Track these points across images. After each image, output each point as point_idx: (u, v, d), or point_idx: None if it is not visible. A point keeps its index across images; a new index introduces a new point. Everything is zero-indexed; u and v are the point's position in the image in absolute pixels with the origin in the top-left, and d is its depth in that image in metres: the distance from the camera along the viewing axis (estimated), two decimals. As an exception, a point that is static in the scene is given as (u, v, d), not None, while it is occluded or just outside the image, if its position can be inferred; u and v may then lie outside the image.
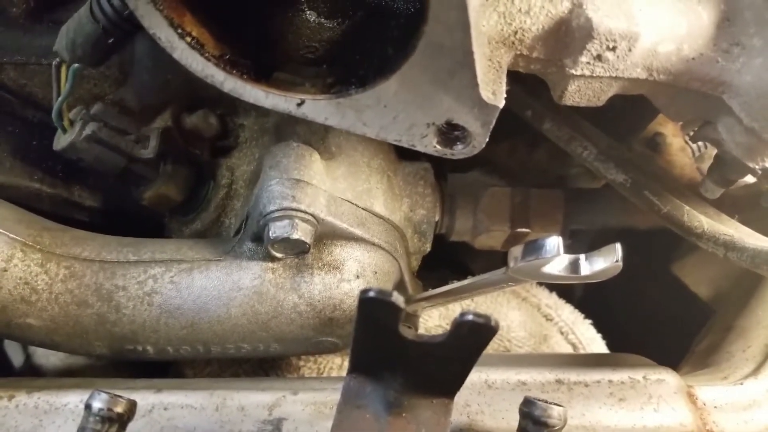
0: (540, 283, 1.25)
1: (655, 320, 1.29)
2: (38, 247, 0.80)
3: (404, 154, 1.00)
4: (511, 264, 0.73)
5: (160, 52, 0.95)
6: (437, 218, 1.00)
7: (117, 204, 1.00)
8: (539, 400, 0.66)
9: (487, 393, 0.79)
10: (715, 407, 0.81)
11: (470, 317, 0.56)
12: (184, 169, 0.94)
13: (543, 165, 1.12)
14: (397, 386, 0.66)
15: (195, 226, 0.96)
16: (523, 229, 1.01)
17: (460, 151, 0.70)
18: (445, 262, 1.17)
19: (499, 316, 1.10)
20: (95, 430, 0.63)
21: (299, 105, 0.69)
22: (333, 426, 0.65)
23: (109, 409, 0.63)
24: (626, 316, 1.28)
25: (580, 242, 1.15)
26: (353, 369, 0.67)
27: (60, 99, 0.83)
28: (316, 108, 0.69)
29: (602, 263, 0.70)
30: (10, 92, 0.90)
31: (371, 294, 0.56)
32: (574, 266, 0.72)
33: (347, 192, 0.89)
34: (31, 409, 0.76)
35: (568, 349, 1.13)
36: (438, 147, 0.70)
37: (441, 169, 1.03)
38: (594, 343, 1.13)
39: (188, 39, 0.65)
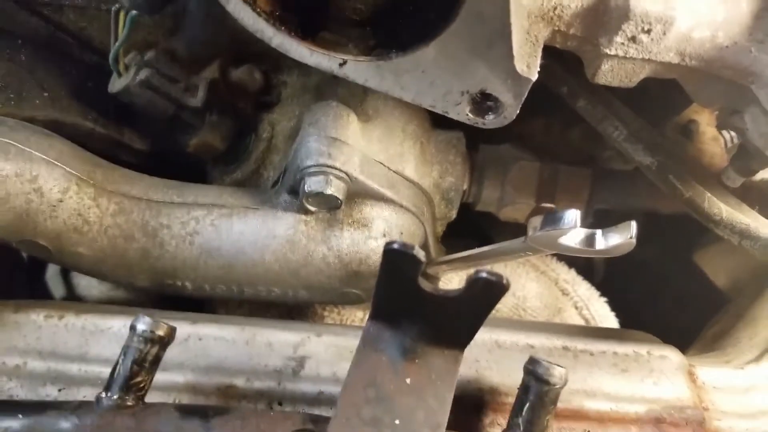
0: (560, 259, 1.29)
1: (671, 305, 1.32)
2: (91, 182, 0.86)
3: (438, 122, 1.03)
4: (530, 233, 0.77)
5: (211, 6, 1.00)
6: (465, 187, 1.03)
7: (162, 148, 1.06)
8: (543, 360, 0.71)
9: (497, 351, 0.84)
10: (714, 387, 0.85)
11: (484, 275, 0.60)
12: (228, 121, 0.99)
13: (576, 145, 1.14)
14: (413, 335, 0.71)
15: (235, 176, 1.02)
16: (548, 204, 1.04)
17: (491, 121, 0.73)
18: (470, 232, 1.21)
19: (516, 286, 1.14)
20: (138, 348, 0.69)
21: (341, 65, 0.73)
22: (351, 365, 0.71)
23: (152, 331, 0.69)
24: (643, 299, 1.30)
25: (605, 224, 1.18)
26: (374, 315, 0.72)
27: (117, 44, 0.88)
28: (357, 69, 0.73)
29: (617, 239, 0.74)
30: (69, 34, 0.95)
31: (395, 246, 0.61)
32: (590, 240, 0.75)
33: (380, 154, 0.93)
34: (78, 329, 0.84)
35: (580, 323, 1.16)
36: (470, 115, 0.73)
37: (473, 139, 1.06)
38: (607, 320, 1.17)
39: (243, -6, 0.70)
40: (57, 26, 0.92)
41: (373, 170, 0.91)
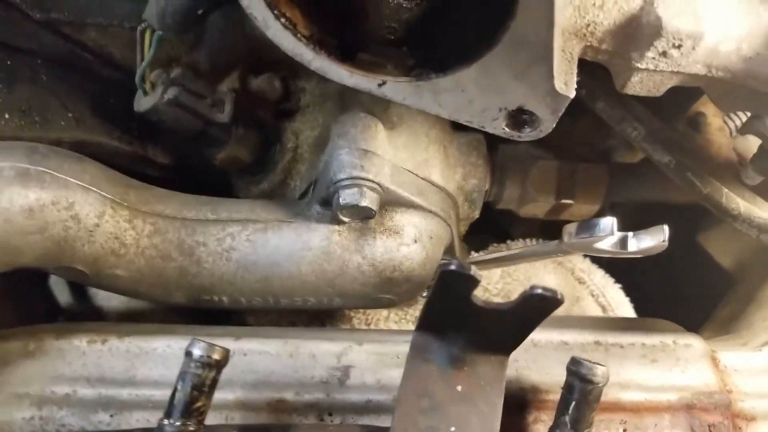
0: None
1: (679, 286, 1.37)
2: (126, 204, 0.86)
3: (457, 125, 1.05)
4: (566, 239, 0.80)
5: (231, 17, 1.00)
6: (487, 187, 1.06)
7: (186, 162, 1.06)
8: (585, 360, 0.75)
9: (533, 351, 0.87)
10: (735, 370, 0.89)
11: (539, 291, 0.63)
12: (254, 133, 1.00)
13: (586, 136, 1.17)
14: (460, 344, 0.74)
15: (262, 187, 1.03)
16: (568, 200, 1.08)
17: (527, 134, 0.75)
18: (486, 227, 1.24)
19: (536, 279, 1.18)
20: (196, 374, 0.70)
21: (380, 85, 0.74)
22: (403, 377, 0.73)
23: (209, 356, 0.70)
24: (652, 281, 1.35)
25: (615, 213, 1.22)
26: (421, 327, 0.75)
27: (144, 63, 0.88)
28: (396, 89, 0.74)
29: (649, 242, 0.77)
30: (90, 52, 0.94)
31: (452, 267, 0.63)
32: (623, 243, 0.79)
33: (408, 162, 0.95)
34: (123, 352, 0.85)
35: (597, 311, 1.21)
36: (507, 129, 0.75)
37: (491, 139, 1.08)
38: (622, 306, 1.22)
39: (282, 20, 0.70)
40: (77, 44, 0.91)
41: (403, 179, 0.93)
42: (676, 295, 1.30)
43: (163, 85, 0.90)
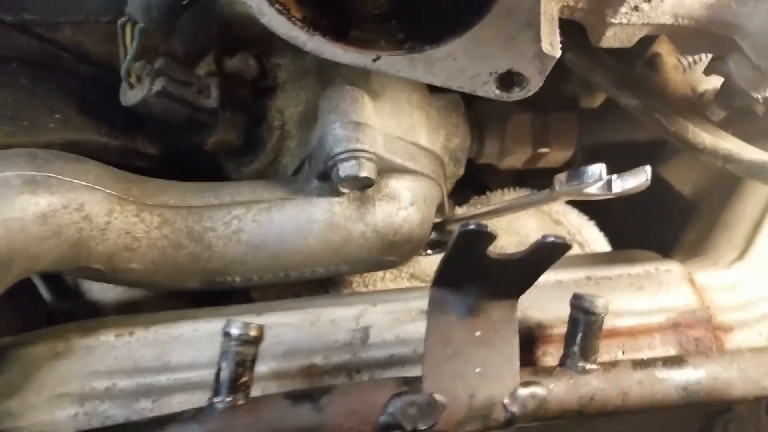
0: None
1: (645, 217, 1.47)
2: (131, 198, 0.88)
3: (434, 88, 1.09)
4: (557, 187, 0.86)
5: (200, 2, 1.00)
6: (468, 145, 1.11)
7: (174, 149, 1.07)
8: (585, 294, 0.83)
9: (533, 291, 0.92)
10: (711, 288, 1.00)
11: (551, 239, 0.70)
12: (241, 115, 1.02)
13: (554, 87, 1.22)
14: (475, 294, 0.81)
15: (254, 167, 1.05)
16: (544, 149, 1.14)
17: (516, 94, 0.80)
18: (465, 180, 1.30)
19: (519, 224, 1.26)
20: (238, 352, 0.74)
21: (375, 60, 0.78)
22: (427, 330, 0.79)
23: (247, 333, 0.75)
24: (620, 215, 1.45)
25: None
26: (437, 283, 0.81)
27: (129, 57, 0.88)
28: (390, 62, 0.78)
29: (633, 182, 0.85)
30: (65, 50, 0.93)
31: (471, 227, 0.69)
32: (608, 185, 0.86)
33: (396, 129, 0.99)
34: (151, 341, 0.88)
35: (575, 248, 1.30)
36: (497, 92, 0.80)
37: (467, 98, 1.13)
38: (598, 241, 1.31)
39: (276, 5, 0.72)
40: (51, 43, 0.89)
41: (395, 146, 0.97)
42: (644, 225, 1.41)
43: (149, 76, 0.90)
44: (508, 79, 0.79)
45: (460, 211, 1.28)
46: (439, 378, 0.77)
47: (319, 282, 1.19)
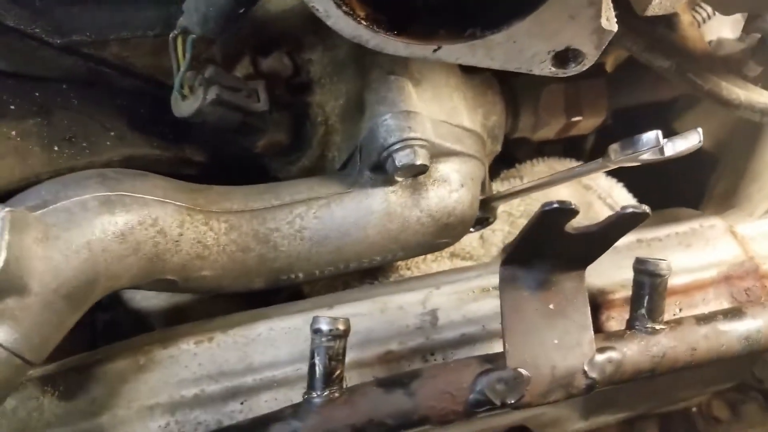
0: (566, 156, 1.44)
1: (668, 174, 1.51)
2: (198, 208, 0.89)
3: (465, 67, 1.11)
4: (612, 156, 0.89)
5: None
6: (504, 121, 1.13)
7: (221, 154, 1.07)
8: (648, 258, 0.86)
9: (589, 259, 0.98)
10: (752, 238, 1.04)
11: (631, 209, 0.73)
12: (288, 115, 1.02)
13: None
14: (545, 268, 0.83)
15: (302, 164, 1.06)
16: (577, 118, 1.17)
17: (572, 69, 0.82)
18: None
19: (553, 194, 1.28)
20: (329, 347, 0.77)
21: (435, 51, 0.79)
22: (502, 307, 0.82)
23: (336, 328, 0.77)
24: (642, 173, 1.48)
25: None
26: (507, 262, 0.84)
27: (183, 69, 0.88)
28: (450, 51, 0.79)
29: (684, 144, 0.87)
30: (110, 66, 0.93)
31: (555, 205, 0.71)
32: (661, 150, 0.89)
33: (440, 113, 1.01)
34: (231, 344, 0.90)
35: (607, 212, 1.33)
36: (552, 69, 0.82)
37: (499, 74, 1.15)
38: (628, 202, 1.35)
39: (343, 7, 0.73)
40: (99, 61, 0.89)
41: (442, 130, 0.99)
42: (667, 182, 1.44)
43: (201, 86, 0.90)
44: (563, 56, 0.81)
45: (497, 186, 1.31)
46: (520, 352, 0.80)
47: (366, 270, 1.21)
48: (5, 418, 0.81)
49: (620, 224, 0.75)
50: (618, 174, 1.42)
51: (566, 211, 0.71)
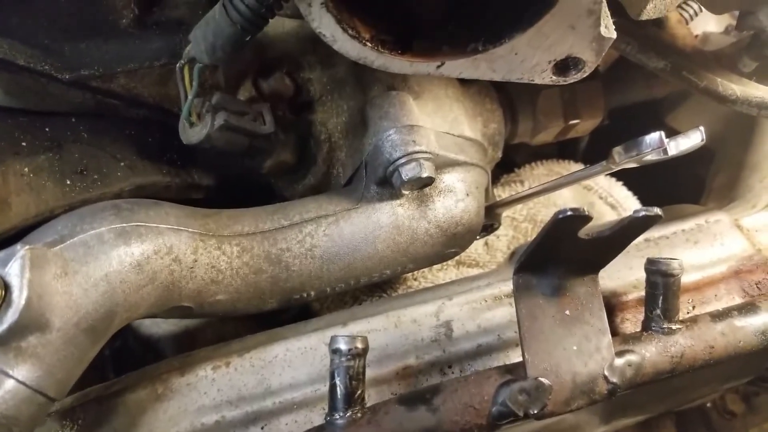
0: (563, 157, 1.45)
1: (665, 168, 1.53)
2: (210, 233, 0.89)
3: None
4: (616, 158, 0.90)
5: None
6: (504, 128, 1.14)
7: (226, 177, 1.08)
8: (659, 258, 0.87)
9: (599, 262, 0.99)
10: (757, 231, 1.05)
11: (643, 212, 0.73)
12: (293, 135, 1.03)
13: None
14: (558, 274, 0.84)
15: (308, 182, 1.07)
16: (575, 120, 1.18)
17: (572, 77, 0.83)
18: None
19: (555, 197, 1.30)
20: (348, 366, 0.77)
21: (439, 66, 0.80)
22: (518, 315, 0.83)
23: (355, 347, 0.77)
24: (639, 170, 1.50)
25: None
26: (521, 269, 0.84)
27: (191, 97, 0.88)
28: (453, 66, 0.80)
29: (687, 143, 0.88)
30: (117, 97, 0.93)
31: (568, 213, 0.72)
32: (664, 150, 0.90)
33: (442, 125, 1.02)
34: (249, 368, 0.90)
35: (608, 211, 1.35)
36: (554, 77, 0.83)
37: (495, 82, 1.15)
38: (629, 200, 1.36)
39: (350, 31, 0.73)
40: (106, 94, 0.89)
41: (445, 142, 0.99)
42: (663, 176, 1.45)
43: (208, 113, 0.90)
44: (564, 64, 0.82)
45: (498, 191, 1.32)
46: (540, 361, 0.80)
47: (375, 283, 1.22)
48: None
49: (633, 227, 0.76)
50: (616, 172, 1.43)
51: (580, 218, 0.72)
